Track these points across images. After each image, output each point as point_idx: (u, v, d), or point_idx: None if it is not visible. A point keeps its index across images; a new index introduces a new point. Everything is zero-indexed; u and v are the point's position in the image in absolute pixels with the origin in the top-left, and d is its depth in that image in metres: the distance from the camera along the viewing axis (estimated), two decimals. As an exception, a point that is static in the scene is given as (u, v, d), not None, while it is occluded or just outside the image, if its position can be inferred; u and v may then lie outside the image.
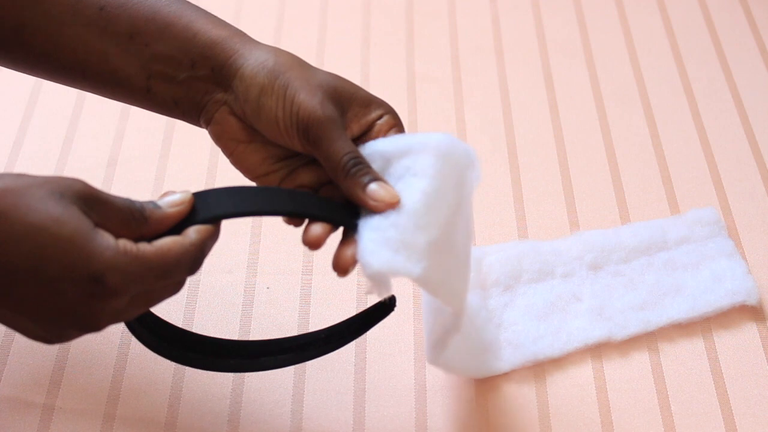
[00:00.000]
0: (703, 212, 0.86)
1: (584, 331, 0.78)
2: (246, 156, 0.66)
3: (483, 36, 1.07)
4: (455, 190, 0.64)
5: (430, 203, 0.62)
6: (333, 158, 0.62)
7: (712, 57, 1.04)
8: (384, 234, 0.60)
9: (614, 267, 0.83)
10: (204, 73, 0.65)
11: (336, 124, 0.63)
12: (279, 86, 0.63)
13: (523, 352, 0.77)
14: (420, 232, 0.61)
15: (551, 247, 0.83)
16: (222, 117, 0.65)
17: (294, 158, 0.67)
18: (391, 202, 0.61)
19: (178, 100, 0.66)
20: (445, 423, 0.75)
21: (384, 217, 0.61)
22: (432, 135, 0.64)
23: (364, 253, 0.60)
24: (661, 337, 0.80)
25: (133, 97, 0.67)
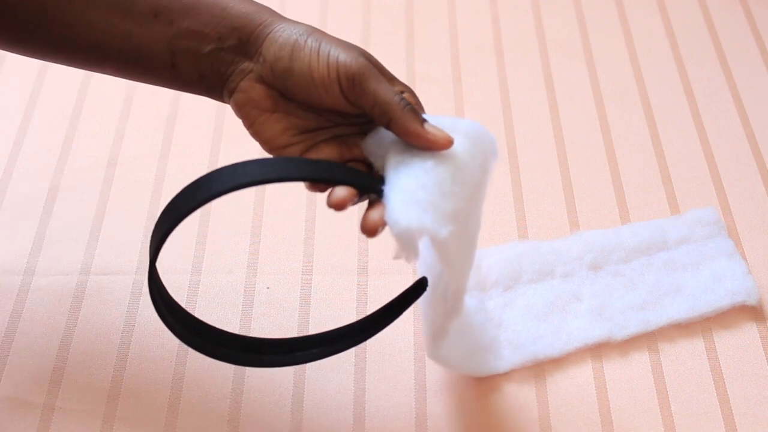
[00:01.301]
0: (703, 212, 0.86)
1: (584, 331, 0.79)
2: (267, 126, 0.67)
3: (483, 36, 1.07)
4: (479, 173, 0.65)
5: (457, 175, 0.63)
6: (384, 99, 0.63)
7: (712, 57, 1.04)
8: (413, 195, 0.61)
9: (614, 267, 0.83)
10: (231, 44, 0.66)
11: (377, 72, 0.64)
12: (312, 43, 0.64)
13: (522, 352, 0.77)
14: (447, 199, 0.62)
15: (551, 248, 0.83)
16: (248, 85, 0.66)
17: (316, 131, 0.67)
18: (449, 139, 0.63)
19: (203, 74, 0.66)
20: (445, 423, 0.75)
21: (414, 179, 0.62)
22: (462, 119, 0.66)
23: (393, 212, 0.60)
24: (661, 337, 0.80)
25: (157, 75, 0.67)
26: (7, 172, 0.93)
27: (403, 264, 0.84)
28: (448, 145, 0.63)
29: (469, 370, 0.76)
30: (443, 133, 0.63)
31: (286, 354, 0.71)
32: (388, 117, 0.63)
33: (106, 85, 1.01)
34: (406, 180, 0.62)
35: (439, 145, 0.63)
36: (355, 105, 0.64)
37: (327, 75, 0.64)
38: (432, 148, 0.63)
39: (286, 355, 0.71)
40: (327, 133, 0.67)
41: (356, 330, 0.71)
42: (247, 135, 0.96)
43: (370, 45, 1.05)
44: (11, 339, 0.79)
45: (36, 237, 0.87)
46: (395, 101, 0.63)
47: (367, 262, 0.85)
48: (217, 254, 0.85)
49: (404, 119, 0.63)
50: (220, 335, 0.70)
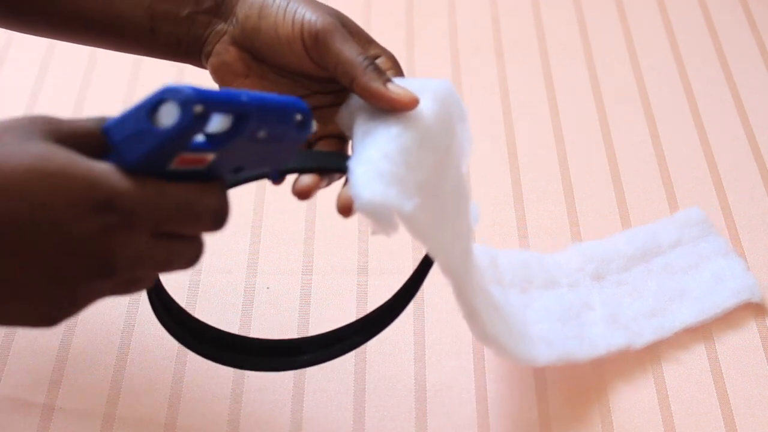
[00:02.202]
0: (690, 213, 0.86)
1: (605, 338, 0.77)
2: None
3: (483, 36, 1.07)
4: (446, 137, 0.62)
5: (424, 141, 0.60)
6: (347, 58, 0.61)
7: (712, 57, 1.04)
8: (376, 166, 0.58)
9: (616, 276, 0.83)
10: (208, 6, 0.66)
11: (343, 31, 0.62)
12: (279, 3, 0.63)
13: (557, 349, 0.75)
14: (412, 169, 0.59)
15: (552, 260, 0.83)
16: (222, 48, 0.66)
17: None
18: (413, 98, 0.60)
19: (181, 38, 0.66)
20: (445, 423, 0.75)
21: (376, 148, 0.59)
22: (432, 80, 0.63)
23: (356, 187, 0.57)
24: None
25: (137, 41, 0.67)
26: None
27: (403, 264, 0.84)
28: (412, 104, 0.60)
29: (520, 353, 0.71)
30: (407, 92, 0.60)
31: (296, 355, 0.70)
32: (351, 76, 0.61)
33: (107, 85, 1.01)
34: (370, 150, 0.59)
35: (401, 104, 0.60)
36: (320, 65, 0.63)
37: (291, 32, 0.62)
38: (395, 108, 0.60)
39: (295, 357, 0.70)
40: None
41: (370, 322, 0.70)
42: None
43: (370, 45, 1.05)
44: (11, 339, 0.79)
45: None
46: (358, 60, 0.61)
47: (367, 262, 0.85)
48: (216, 254, 0.85)
49: (366, 78, 0.60)
50: (228, 339, 0.69)
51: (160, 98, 0.48)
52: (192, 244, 0.53)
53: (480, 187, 0.91)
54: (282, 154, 0.56)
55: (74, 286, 0.50)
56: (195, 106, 0.48)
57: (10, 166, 0.47)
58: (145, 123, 0.48)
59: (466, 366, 0.78)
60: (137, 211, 0.49)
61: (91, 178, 0.48)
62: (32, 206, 0.47)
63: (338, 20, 0.63)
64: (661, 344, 0.79)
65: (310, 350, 0.70)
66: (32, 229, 0.47)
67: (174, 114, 0.48)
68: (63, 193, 0.47)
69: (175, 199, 0.50)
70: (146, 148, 0.48)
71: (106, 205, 0.48)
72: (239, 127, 0.51)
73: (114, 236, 0.49)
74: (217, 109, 0.49)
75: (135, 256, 0.50)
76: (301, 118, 0.55)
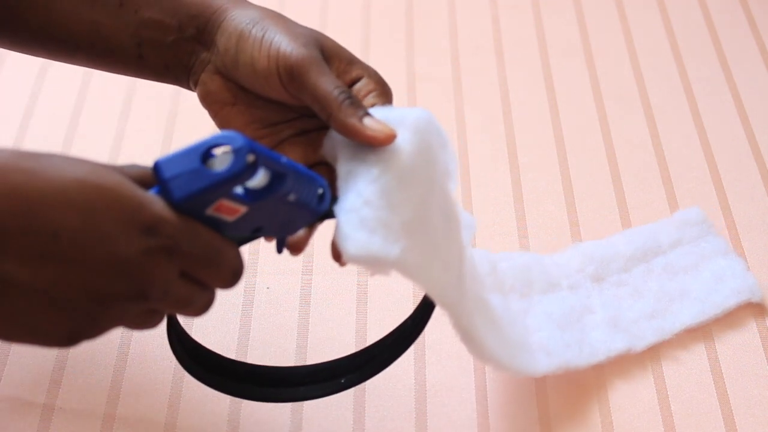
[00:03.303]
0: (689, 213, 0.86)
1: (605, 343, 0.77)
2: (230, 119, 0.65)
3: (483, 36, 1.07)
4: (428, 169, 0.61)
5: (405, 178, 0.59)
6: (322, 93, 0.59)
7: (712, 57, 1.04)
8: (358, 214, 0.57)
9: (616, 277, 0.82)
10: (190, 34, 0.64)
11: (320, 63, 0.61)
12: (257, 31, 0.62)
13: (556, 358, 0.75)
14: (395, 210, 0.58)
15: (552, 261, 0.83)
16: (207, 77, 0.65)
17: (280, 125, 0.65)
18: (390, 134, 0.58)
19: (169, 65, 0.65)
20: (446, 423, 0.75)
21: (357, 194, 0.58)
22: (410, 110, 0.61)
23: (341, 239, 0.57)
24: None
25: (127, 66, 0.67)
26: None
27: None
28: (388, 140, 0.58)
29: (518, 366, 0.72)
30: (384, 127, 0.58)
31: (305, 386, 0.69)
32: (327, 112, 0.60)
33: (106, 85, 1.01)
34: (351, 196, 0.58)
35: (378, 141, 0.58)
36: (297, 99, 0.62)
37: (267, 67, 0.61)
38: (372, 144, 0.58)
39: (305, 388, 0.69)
40: (291, 128, 0.65)
41: (377, 355, 0.70)
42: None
43: (370, 45, 1.05)
44: (11, 339, 0.79)
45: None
46: (333, 95, 0.59)
47: (367, 262, 0.85)
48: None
49: (341, 115, 0.59)
50: (242, 369, 0.68)
51: (215, 143, 0.50)
52: (207, 293, 0.54)
53: (480, 187, 0.91)
54: (297, 222, 0.58)
55: (106, 304, 0.50)
56: (248, 156, 0.50)
57: (65, 176, 0.48)
58: (198, 164, 0.50)
59: (466, 366, 0.78)
60: (178, 243, 0.50)
61: (142, 200, 0.50)
62: (84, 216, 0.48)
63: (316, 47, 0.61)
64: (661, 344, 0.79)
65: (308, 382, 0.69)
66: (80, 239, 0.48)
67: (227, 160, 0.50)
68: (115, 209, 0.49)
69: (207, 243, 0.52)
70: (195, 188, 0.50)
71: (153, 229, 0.50)
72: (275, 186, 0.53)
73: (155, 261, 0.50)
74: (264, 162, 0.51)
75: (166, 287, 0.51)
76: (321, 191, 0.57)
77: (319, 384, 0.69)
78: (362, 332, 0.80)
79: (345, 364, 0.69)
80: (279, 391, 0.68)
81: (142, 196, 0.50)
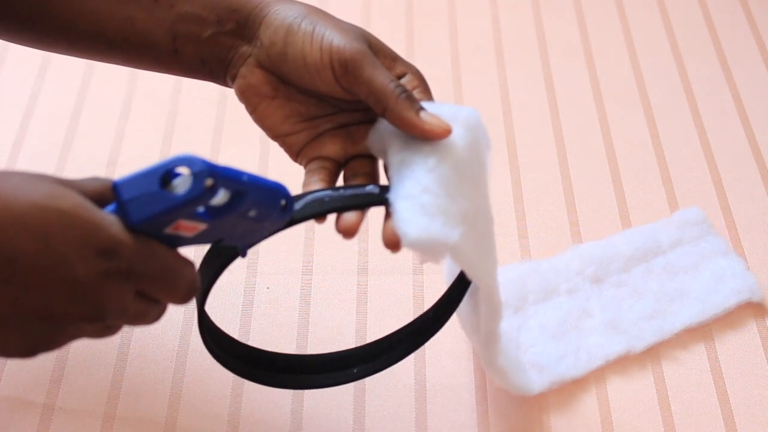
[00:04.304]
0: (689, 213, 0.86)
1: (603, 348, 0.78)
2: (269, 112, 0.65)
3: (483, 36, 1.07)
4: (477, 166, 0.63)
5: (460, 171, 0.61)
6: (378, 86, 0.60)
7: (712, 57, 1.04)
8: (418, 200, 0.58)
9: (616, 277, 0.82)
10: (230, 28, 0.65)
11: (373, 57, 0.62)
12: (306, 26, 0.62)
13: (549, 374, 0.76)
14: (452, 199, 0.60)
15: (550, 265, 0.83)
16: (247, 70, 0.65)
17: (319, 119, 0.66)
18: (446, 128, 0.60)
19: (205, 59, 0.66)
20: (445, 423, 0.75)
21: (416, 182, 0.59)
22: (461, 108, 0.63)
23: (401, 224, 0.58)
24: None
25: (161, 61, 0.67)
26: None
27: (403, 264, 0.84)
28: (445, 134, 0.60)
29: (517, 385, 0.74)
30: (440, 121, 0.60)
31: (341, 370, 0.70)
32: (383, 105, 0.61)
33: (106, 85, 1.01)
34: (409, 183, 0.59)
35: (435, 134, 0.60)
36: (350, 92, 0.62)
37: (320, 60, 0.61)
38: (429, 138, 0.60)
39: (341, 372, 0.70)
40: (330, 122, 0.65)
41: (410, 335, 0.70)
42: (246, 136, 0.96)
43: (370, 45, 1.05)
44: (11, 339, 0.79)
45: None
46: (390, 89, 0.60)
47: (367, 262, 0.85)
48: (217, 254, 0.85)
49: (399, 108, 0.60)
50: (276, 359, 0.69)
51: (174, 165, 0.50)
52: (159, 307, 0.55)
53: (480, 187, 0.91)
54: (259, 233, 0.57)
55: (63, 325, 0.51)
56: (207, 179, 0.50)
57: (21, 199, 0.48)
58: (157, 187, 0.50)
59: (466, 366, 0.78)
60: (134, 265, 0.51)
61: (100, 223, 0.50)
62: (40, 241, 0.48)
63: (365, 42, 0.62)
64: (661, 344, 0.79)
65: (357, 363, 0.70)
66: (37, 263, 0.48)
67: (186, 183, 0.50)
68: (71, 232, 0.49)
69: (164, 264, 0.52)
70: (154, 211, 0.50)
71: (110, 252, 0.50)
72: (236, 203, 0.53)
73: (111, 283, 0.51)
74: (223, 184, 0.51)
75: (123, 306, 0.52)
76: (284, 203, 0.57)
77: (332, 373, 0.70)
78: (362, 332, 0.80)
79: (359, 354, 0.70)
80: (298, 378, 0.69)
81: (100, 219, 0.50)
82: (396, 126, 0.61)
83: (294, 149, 0.66)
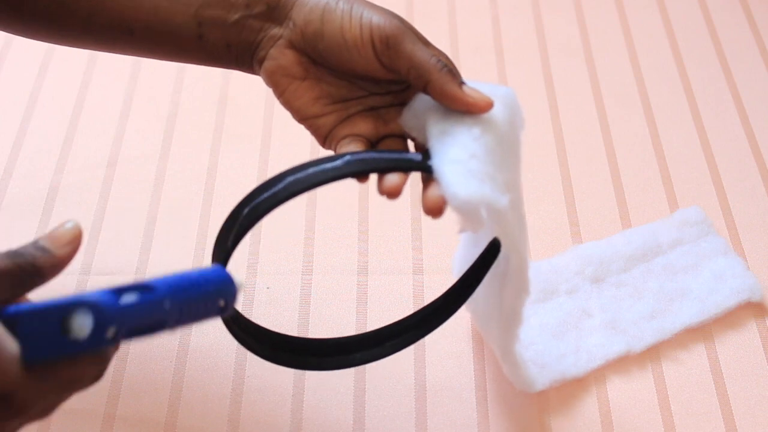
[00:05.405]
0: (689, 212, 0.86)
1: (603, 348, 0.78)
2: (298, 94, 0.65)
3: (483, 36, 1.07)
4: (515, 142, 0.64)
5: (503, 143, 0.62)
6: (420, 61, 0.61)
7: (712, 57, 1.04)
8: (466, 166, 0.59)
9: (616, 277, 0.82)
10: (259, 10, 0.65)
11: (411, 34, 0.62)
12: (344, 5, 0.63)
13: (550, 372, 0.76)
14: (498, 168, 0.60)
15: (549, 266, 0.83)
16: (278, 52, 0.65)
17: (349, 102, 0.66)
18: (489, 101, 0.61)
19: (231, 43, 0.65)
20: (445, 423, 0.75)
21: (462, 148, 0.60)
22: (499, 86, 0.64)
23: (450, 185, 0.58)
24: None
25: (184, 49, 0.66)
26: (7, 171, 0.93)
27: (403, 264, 0.84)
28: (487, 108, 0.61)
29: (527, 379, 0.74)
30: (482, 95, 0.61)
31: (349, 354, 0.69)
32: (425, 79, 0.61)
33: (106, 86, 1.01)
34: (455, 150, 0.60)
35: (478, 107, 0.61)
36: (390, 68, 0.63)
37: (360, 36, 0.62)
38: (471, 111, 0.61)
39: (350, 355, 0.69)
40: (360, 104, 0.66)
41: (429, 315, 0.69)
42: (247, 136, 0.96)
43: (370, 45, 1.05)
44: (11, 339, 0.79)
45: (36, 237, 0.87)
46: (432, 62, 0.61)
47: (367, 262, 0.85)
48: (217, 254, 0.85)
49: (442, 81, 0.61)
50: (283, 340, 0.68)
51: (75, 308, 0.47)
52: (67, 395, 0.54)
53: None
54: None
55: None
56: (108, 330, 0.46)
57: None
58: (56, 328, 0.47)
59: (466, 366, 0.78)
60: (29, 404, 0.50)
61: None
62: None
63: (402, 22, 0.63)
64: (661, 344, 0.79)
65: (362, 348, 0.69)
66: None
67: (86, 328, 0.47)
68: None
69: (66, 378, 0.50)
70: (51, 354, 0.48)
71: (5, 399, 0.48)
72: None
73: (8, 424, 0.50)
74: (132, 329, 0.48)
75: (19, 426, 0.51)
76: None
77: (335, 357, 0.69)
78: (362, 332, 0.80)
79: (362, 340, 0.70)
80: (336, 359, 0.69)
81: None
82: (438, 99, 0.62)
83: (323, 131, 0.66)
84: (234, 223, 0.59)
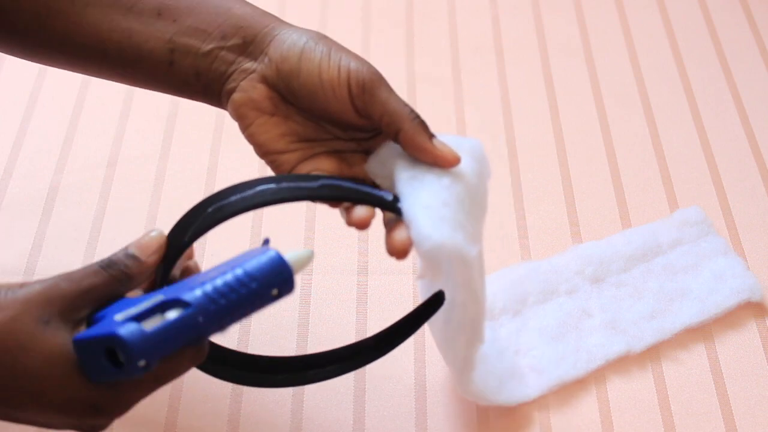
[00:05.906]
0: (689, 212, 0.86)
1: (603, 348, 0.78)
2: (264, 129, 0.65)
3: (483, 36, 1.07)
4: (482, 194, 0.65)
5: (470, 195, 0.62)
6: (393, 109, 0.62)
7: (712, 57, 1.04)
8: (438, 212, 0.59)
9: (616, 277, 0.82)
10: (234, 43, 0.65)
11: (387, 83, 0.63)
12: (321, 48, 0.64)
13: (548, 377, 0.76)
14: (468, 218, 0.61)
15: (549, 266, 0.82)
16: (249, 85, 0.65)
17: (314, 142, 0.66)
18: (457, 157, 0.62)
19: (201, 72, 0.66)
20: (445, 423, 0.75)
21: (434, 195, 0.60)
22: (466, 138, 0.65)
23: (422, 228, 0.59)
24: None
25: (153, 74, 0.67)
26: (7, 172, 0.93)
27: (403, 264, 0.84)
28: (455, 162, 0.62)
29: (503, 400, 0.74)
30: (451, 150, 0.62)
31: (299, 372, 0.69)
32: (397, 127, 0.62)
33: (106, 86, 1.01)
34: (427, 196, 0.60)
35: (446, 161, 0.62)
36: (363, 113, 0.63)
37: (337, 78, 0.63)
38: (438, 164, 0.62)
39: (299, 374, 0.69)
40: (325, 146, 0.66)
41: (370, 347, 0.69)
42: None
43: (371, 45, 1.05)
44: (11, 339, 0.79)
45: (36, 237, 0.87)
46: (405, 111, 0.62)
47: (367, 262, 0.85)
48: (217, 254, 0.85)
49: (413, 131, 0.62)
50: (231, 356, 0.68)
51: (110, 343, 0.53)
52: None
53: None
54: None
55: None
56: (139, 361, 0.52)
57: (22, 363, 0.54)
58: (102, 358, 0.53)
59: (466, 366, 0.78)
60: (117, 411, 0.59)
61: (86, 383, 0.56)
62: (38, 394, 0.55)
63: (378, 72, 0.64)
64: (661, 344, 0.79)
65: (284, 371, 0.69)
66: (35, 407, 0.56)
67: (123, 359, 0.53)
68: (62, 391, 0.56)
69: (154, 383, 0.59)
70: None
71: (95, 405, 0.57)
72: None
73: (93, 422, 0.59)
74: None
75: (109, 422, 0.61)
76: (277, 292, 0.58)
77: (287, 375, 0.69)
78: (362, 332, 0.80)
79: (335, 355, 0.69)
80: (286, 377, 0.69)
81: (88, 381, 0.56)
82: (408, 149, 0.63)
83: (285, 167, 0.66)
84: (197, 217, 0.59)
